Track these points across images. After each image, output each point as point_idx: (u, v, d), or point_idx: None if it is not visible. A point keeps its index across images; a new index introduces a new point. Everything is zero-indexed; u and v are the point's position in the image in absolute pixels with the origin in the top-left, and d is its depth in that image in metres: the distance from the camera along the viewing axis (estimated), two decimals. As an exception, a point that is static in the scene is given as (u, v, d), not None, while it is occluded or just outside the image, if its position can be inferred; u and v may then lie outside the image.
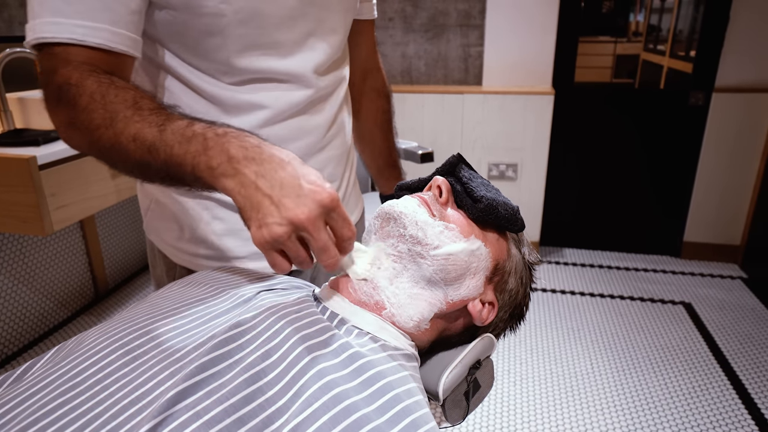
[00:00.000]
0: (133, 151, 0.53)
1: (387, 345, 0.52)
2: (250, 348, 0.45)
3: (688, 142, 2.64)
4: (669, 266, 2.76)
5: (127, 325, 0.49)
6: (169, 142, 0.51)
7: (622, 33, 2.83)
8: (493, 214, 0.59)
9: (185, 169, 0.51)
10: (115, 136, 0.53)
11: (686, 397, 1.82)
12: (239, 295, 0.54)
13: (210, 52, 0.65)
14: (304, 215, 0.46)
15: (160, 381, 0.42)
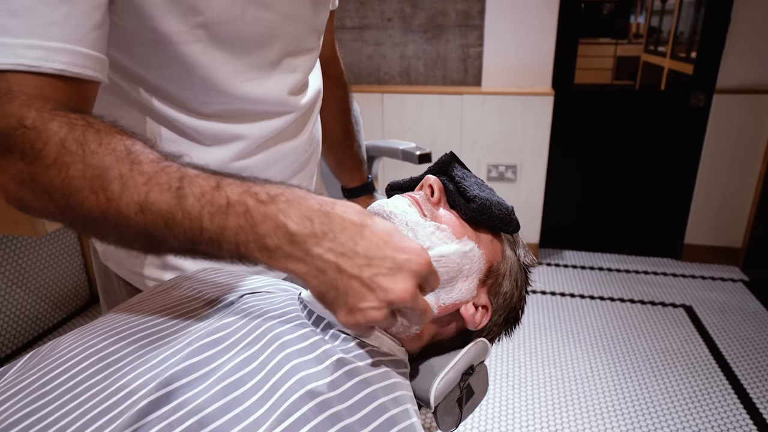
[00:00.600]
0: (139, 224, 0.41)
1: (375, 350, 0.50)
2: (229, 355, 0.43)
3: (688, 144, 2.62)
4: (669, 269, 2.74)
5: (103, 330, 0.47)
6: (194, 214, 0.40)
7: (623, 35, 2.81)
8: (487, 215, 0.57)
9: (224, 246, 0.40)
10: (109, 203, 0.40)
11: (687, 401, 1.79)
12: (222, 299, 0.52)
13: (185, 83, 0.58)
14: (406, 294, 0.40)
15: (133, 390, 0.40)
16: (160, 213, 0.40)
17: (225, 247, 0.40)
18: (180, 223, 0.40)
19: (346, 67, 1.02)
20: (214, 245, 0.41)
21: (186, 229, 0.40)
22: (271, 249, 0.39)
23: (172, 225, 0.40)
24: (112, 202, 0.41)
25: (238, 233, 0.40)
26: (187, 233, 0.40)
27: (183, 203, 0.40)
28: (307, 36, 0.68)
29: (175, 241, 0.41)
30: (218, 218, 0.40)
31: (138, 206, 0.40)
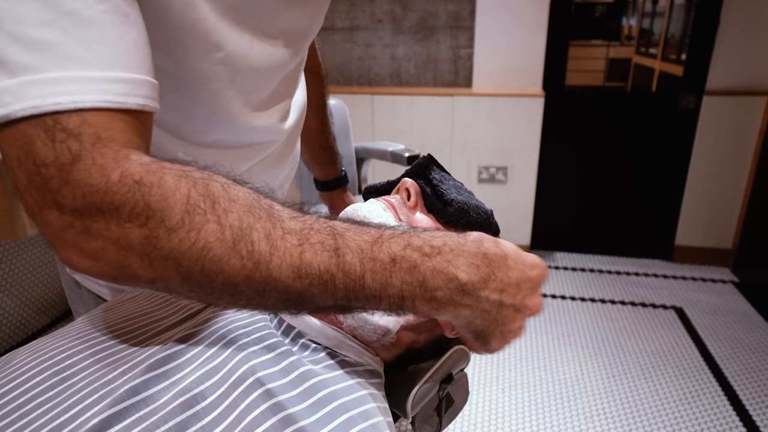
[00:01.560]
0: (292, 288, 0.37)
1: (346, 361, 0.48)
2: (190, 368, 0.41)
3: (679, 145, 2.62)
4: (660, 270, 2.73)
5: (61, 343, 0.45)
6: (356, 273, 0.38)
7: (615, 37, 2.82)
8: (465, 219, 0.56)
9: (385, 302, 0.39)
10: (256, 267, 0.36)
11: (677, 403, 1.78)
12: (188, 308, 0.50)
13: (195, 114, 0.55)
14: (539, 306, 0.45)
15: (87, 406, 0.38)
16: (318, 275, 0.37)
17: (386, 302, 0.39)
18: (339, 284, 0.38)
19: (337, 68, 1.01)
20: (373, 301, 0.39)
21: (345, 288, 0.38)
22: (441, 300, 0.39)
23: (331, 287, 0.38)
24: (261, 266, 0.36)
25: (403, 289, 0.39)
26: (346, 292, 0.38)
27: (343, 263, 0.37)
28: (296, 58, 0.66)
29: (330, 300, 0.38)
30: (381, 275, 0.38)
31: (293, 270, 0.37)
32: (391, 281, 0.38)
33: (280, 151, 0.70)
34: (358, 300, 0.39)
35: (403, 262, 0.38)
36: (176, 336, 0.44)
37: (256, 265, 0.36)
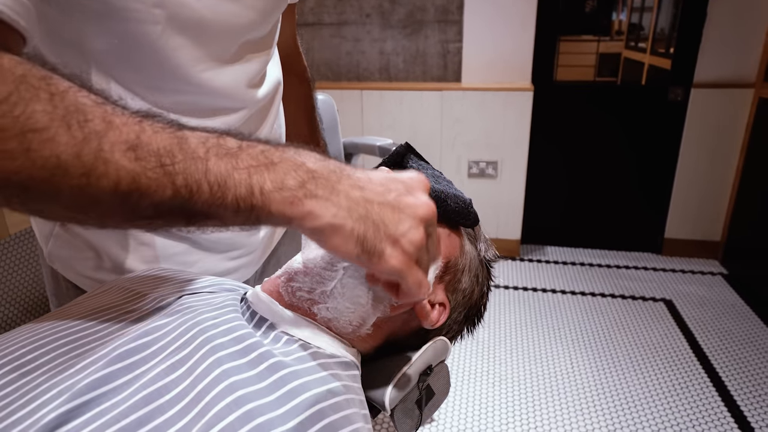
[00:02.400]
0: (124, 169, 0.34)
1: (319, 353, 0.47)
2: (155, 361, 0.40)
3: (668, 138, 2.63)
4: (650, 263, 2.74)
5: (24, 337, 0.44)
6: (198, 154, 0.35)
7: (605, 32, 2.82)
8: (441, 208, 0.55)
9: (232, 193, 0.35)
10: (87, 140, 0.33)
11: (666, 395, 1.79)
12: (158, 300, 0.49)
13: (137, 64, 0.52)
14: (430, 207, 0.40)
15: (46, 401, 0.37)
16: (155, 153, 0.34)
17: (232, 195, 0.35)
18: (179, 167, 0.34)
19: (325, 63, 0.99)
20: (218, 192, 0.35)
21: (186, 173, 0.34)
22: (292, 188, 0.36)
23: (170, 170, 0.34)
24: (91, 139, 0.33)
25: (251, 174, 0.36)
26: (186, 179, 0.34)
27: (184, 144, 0.35)
28: (264, 27, 0.64)
29: (169, 188, 0.34)
30: (226, 159, 0.35)
31: (127, 145, 0.33)
32: (237, 164, 0.36)
33: (250, 125, 0.67)
34: (201, 191, 0.35)
35: (249, 149, 0.37)
36: (142, 328, 0.43)
37: (87, 138, 0.33)
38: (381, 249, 0.38)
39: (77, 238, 0.63)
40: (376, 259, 0.38)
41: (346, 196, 0.38)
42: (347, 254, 0.38)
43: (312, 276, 0.51)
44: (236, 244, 0.71)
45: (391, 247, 0.38)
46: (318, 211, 0.37)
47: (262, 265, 0.80)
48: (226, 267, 0.71)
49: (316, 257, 0.52)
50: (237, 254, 0.71)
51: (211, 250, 0.68)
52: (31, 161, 0.32)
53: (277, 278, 0.53)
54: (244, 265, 0.73)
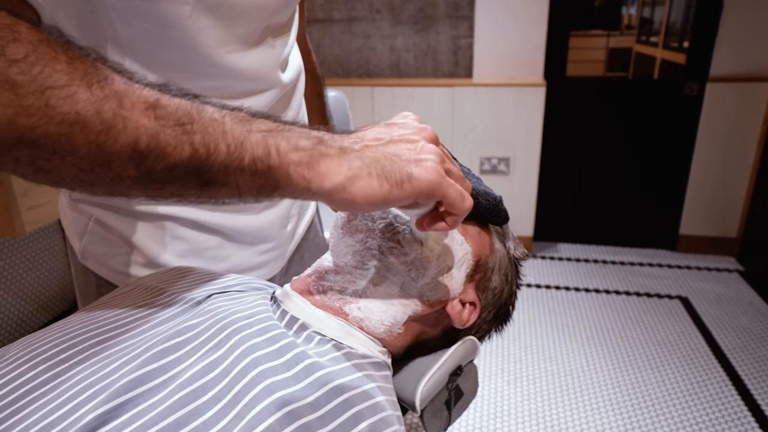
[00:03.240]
0: (143, 127, 0.34)
1: (352, 353, 0.46)
2: (190, 361, 0.39)
3: (682, 133, 2.60)
4: (665, 260, 2.71)
5: (55, 336, 0.43)
6: (214, 117, 0.36)
7: (615, 26, 2.78)
8: (473, 206, 0.54)
9: (249, 153, 0.36)
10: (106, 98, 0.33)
11: (684, 394, 1.77)
12: (188, 299, 0.48)
13: (165, 46, 0.52)
14: (431, 128, 0.43)
15: (81, 402, 0.36)
16: (173, 114, 0.35)
17: (250, 156, 0.36)
18: (197, 127, 0.35)
19: (335, 60, 0.99)
20: (235, 153, 0.36)
21: (203, 133, 0.35)
22: (307, 148, 0.37)
23: (188, 129, 0.34)
24: (111, 97, 0.33)
25: (266, 136, 0.37)
26: (204, 138, 0.35)
27: (200, 109, 0.36)
28: (286, 12, 0.65)
29: (187, 148, 0.34)
30: (242, 123, 0.37)
31: (146, 104, 0.34)
32: (252, 128, 0.37)
33: (277, 109, 0.67)
34: (219, 151, 0.35)
35: (261, 118, 0.38)
36: (175, 328, 0.42)
37: (107, 96, 0.33)
38: (408, 172, 0.38)
39: (112, 232, 0.63)
40: (407, 184, 0.38)
41: (353, 150, 0.39)
42: (377, 197, 0.38)
43: (343, 275, 0.51)
44: (267, 237, 0.71)
45: (416, 167, 0.39)
46: (334, 168, 0.38)
47: (288, 261, 0.80)
48: (257, 261, 0.71)
49: (347, 255, 0.51)
50: (267, 248, 0.71)
51: (242, 244, 0.68)
52: (48, 117, 0.31)
53: (308, 277, 0.52)
54: (273, 259, 0.73)
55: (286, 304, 0.49)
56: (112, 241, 0.64)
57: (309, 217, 0.85)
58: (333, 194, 0.38)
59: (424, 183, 0.38)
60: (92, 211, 0.63)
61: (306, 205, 0.84)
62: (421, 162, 0.39)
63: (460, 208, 0.41)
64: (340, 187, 0.38)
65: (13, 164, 0.33)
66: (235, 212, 0.66)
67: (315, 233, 0.89)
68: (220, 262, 0.68)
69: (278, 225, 0.72)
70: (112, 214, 0.63)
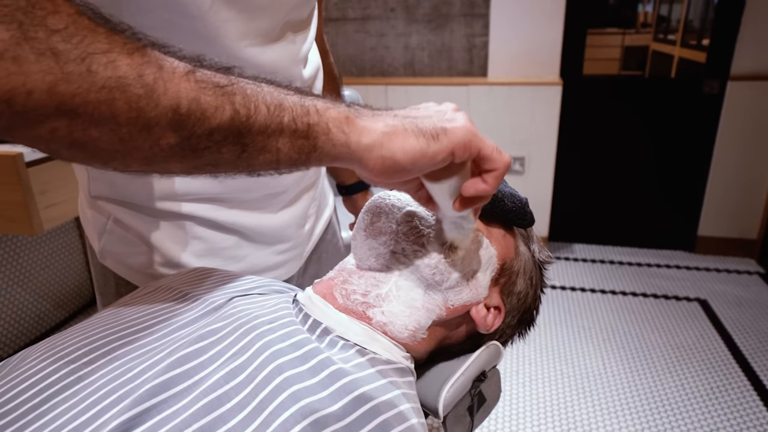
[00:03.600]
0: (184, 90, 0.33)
1: (376, 359, 0.45)
2: (213, 367, 0.38)
3: (701, 133, 2.55)
4: (683, 261, 2.67)
5: (77, 339, 0.43)
6: (251, 79, 0.37)
7: (631, 24, 2.74)
8: (499, 207, 0.52)
9: (287, 115, 0.36)
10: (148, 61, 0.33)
11: (703, 398, 1.74)
12: (209, 302, 0.47)
13: (185, 38, 0.51)
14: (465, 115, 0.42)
15: (105, 407, 0.35)
16: (212, 78, 0.35)
17: (289, 115, 0.37)
18: (237, 89, 0.35)
19: (349, 59, 0.98)
20: (275, 112, 0.36)
21: (243, 94, 0.35)
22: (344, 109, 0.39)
23: (228, 91, 0.35)
24: (152, 63, 0.33)
25: (302, 98, 0.38)
26: (244, 99, 0.35)
27: (239, 74, 0.37)
28: (306, 8, 0.64)
29: (227, 108, 0.35)
30: (278, 88, 0.38)
31: (185, 70, 0.34)
32: (288, 92, 0.38)
33: None
34: (259, 111, 0.36)
35: (296, 88, 0.39)
36: (198, 332, 0.42)
37: (148, 62, 0.33)
38: (442, 127, 0.39)
39: (130, 231, 0.63)
40: (443, 137, 0.39)
41: (386, 113, 0.40)
42: (416, 151, 0.39)
43: (366, 278, 0.50)
44: (284, 237, 0.70)
45: (450, 124, 0.40)
46: (371, 124, 0.39)
47: (305, 261, 0.79)
48: (274, 261, 0.70)
49: (370, 258, 0.50)
50: (285, 248, 0.71)
51: (259, 244, 0.68)
52: (90, 83, 0.31)
53: (330, 280, 0.51)
54: (291, 259, 0.73)
55: (308, 308, 0.49)
56: (131, 241, 0.64)
57: (327, 217, 0.84)
58: (372, 150, 0.38)
59: (460, 133, 0.39)
60: (111, 209, 0.63)
61: (324, 205, 0.83)
62: (453, 120, 0.40)
63: (500, 161, 0.41)
64: (378, 142, 0.38)
65: (49, 136, 0.32)
66: (252, 211, 0.66)
67: (333, 233, 0.88)
68: (238, 262, 0.67)
69: (296, 225, 0.72)
70: (130, 212, 0.62)
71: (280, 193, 0.67)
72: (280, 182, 0.65)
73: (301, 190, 0.71)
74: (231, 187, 0.62)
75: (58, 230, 2.17)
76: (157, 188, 0.60)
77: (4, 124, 0.31)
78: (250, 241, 0.68)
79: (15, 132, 0.31)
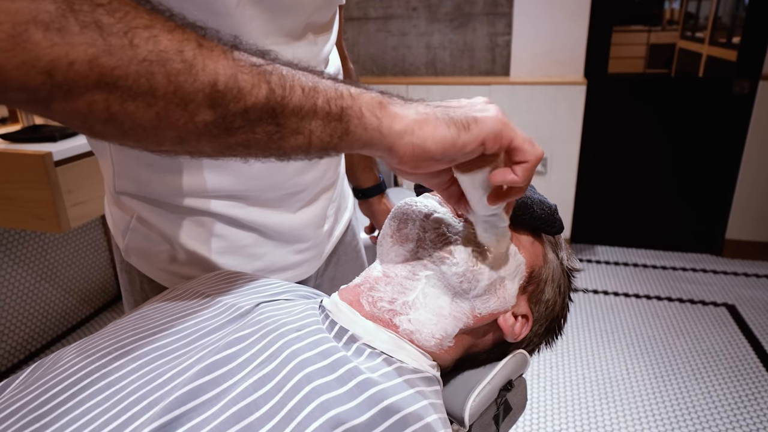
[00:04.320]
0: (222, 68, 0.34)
1: (403, 367, 0.44)
2: (242, 374, 0.38)
3: (731, 133, 2.48)
4: (710, 265, 2.61)
5: (107, 342, 0.43)
6: (288, 65, 0.37)
7: (657, 21, 2.68)
8: (528, 214, 0.52)
9: (319, 96, 0.37)
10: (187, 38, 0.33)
11: (731, 407, 1.69)
12: (236, 307, 0.47)
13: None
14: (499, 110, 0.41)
15: (135, 414, 0.36)
16: (248, 59, 0.35)
17: (323, 97, 0.37)
18: (274, 70, 0.36)
19: (370, 58, 0.98)
20: (310, 93, 0.36)
21: (279, 76, 0.36)
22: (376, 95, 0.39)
23: (266, 71, 0.35)
24: (191, 40, 0.33)
25: (336, 83, 0.38)
26: (280, 80, 0.36)
27: (274, 59, 0.37)
28: (329, 10, 0.65)
29: (264, 87, 0.35)
30: (312, 74, 0.38)
31: (223, 49, 0.35)
32: (322, 77, 0.38)
33: None
34: (294, 92, 0.36)
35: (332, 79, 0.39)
36: (226, 338, 0.42)
37: (187, 39, 0.33)
38: (473, 117, 0.39)
39: (152, 230, 0.65)
40: (474, 126, 0.39)
41: (420, 105, 0.40)
42: (446, 139, 0.38)
43: (393, 285, 0.49)
44: (303, 237, 0.70)
45: (482, 114, 0.39)
46: (402, 111, 0.39)
47: (324, 263, 0.79)
48: (293, 260, 0.70)
49: (397, 264, 0.50)
50: (303, 247, 0.71)
51: (278, 242, 0.68)
52: (131, 56, 0.31)
53: (357, 287, 0.51)
54: (309, 259, 0.73)
55: (334, 315, 0.48)
56: (154, 239, 0.65)
57: (346, 219, 0.84)
58: (403, 136, 0.38)
59: (491, 123, 0.39)
60: (135, 206, 0.64)
61: (343, 208, 0.83)
62: (485, 110, 0.40)
63: (532, 153, 0.40)
64: (409, 129, 0.38)
65: (87, 110, 0.32)
66: (271, 209, 0.66)
67: (352, 236, 0.88)
68: (257, 260, 0.68)
69: (314, 225, 0.72)
70: (153, 209, 0.63)
71: (299, 192, 0.67)
72: (299, 181, 0.66)
73: (319, 191, 0.72)
74: (251, 185, 0.63)
75: (84, 228, 2.22)
76: (179, 185, 0.61)
77: (43, 95, 0.31)
78: (269, 239, 0.68)
79: (53, 104, 0.31)
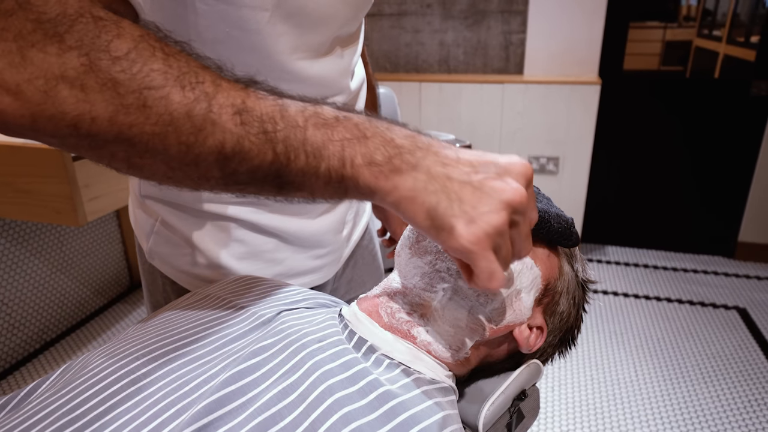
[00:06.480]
0: (230, 131, 0.35)
1: (421, 378, 0.45)
2: (266, 384, 0.40)
3: (746, 136, 2.46)
4: (721, 267, 2.59)
5: (135, 347, 0.45)
6: (297, 122, 0.37)
7: (673, 17, 2.64)
8: (545, 228, 0.52)
9: (324, 163, 0.37)
10: (197, 100, 0.35)
11: (740, 411, 1.69)
12: (258, 315, 0.49)
13: (242, 50, 0.53)
14: (520, 193, 0.37)
15: (165, 421, 0.37)
16: (258, 119, 0.36)
17: (326, 165, 0.37)
18: (280, 134, 0.37)
19: (384, 55, 0.98)
20: (313, 161, 0.37)
21: (285, 140, 0.37)
22: (381, 163, 0.37)
23: (272, 135, 0.36)
24: (202, 100, 0.35)
25: (344, 146, 0.37)
26: (286, 146, 0.37)
27: (284, 112, 0.37)
28: (355, 23, 0.65)
29: (269, 153, 0.36)
30: (323, 129, 0.37)
31: (234, 109, 0.36)
32: (333, 136, 0.37)
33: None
34: (298, 159, 0.37)
35: (345, 122, 0.38)
36: (250, 347, 0.43)
37: (198, 99, 0.35)
38: (451, 224, 0.37)
39: (176, 234, 0.66)
40: (445, 234, 0.37)
41: (427, 171, 0.38)
42: (418, 225, 0.38)
43: (411, 297, 0.50)
44: (322, 242, 0.71)
45: (464, 225, 0.36)
46: (399, 184, 0.38)
47: (342, 266, 0.80)
48: (312, 265, 0.72)
49: (415, 276, 0.51)
50: (322, 252, 0.72)
51: (298, 247, 0.70)
52: (145, 117, 0.34)
53: (375, 297, 0.52)
54: (328, 264, 0.74)
55: (353, 325, 0.49)
56: (176, 242, 0.67)
57: (364, 223, 0.85)
58: (391, 206, 0.39)
59: (458, 245, 0.37)
60: (159, 210, 0.66)
61: (361, 212, 0.84)
62: (473, 223, 0.36)
63: (481, 286, 0.38)
64: (395, 203, 0.38)
65: (109, 158, 0.36)
66: (292, 215, 0.67)
67: (369, 239, 0.89)
68: (277, 264, 0.69)
69: (334, 230, 0.73)
70: (176, 212, 0.65)
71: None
72: None
73: None
74: None
75: (99, 221, 2.25)
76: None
77: (71, 144, 0.34)
78: (289, 245, 0.69)
79: (80, 151, 0.35)
